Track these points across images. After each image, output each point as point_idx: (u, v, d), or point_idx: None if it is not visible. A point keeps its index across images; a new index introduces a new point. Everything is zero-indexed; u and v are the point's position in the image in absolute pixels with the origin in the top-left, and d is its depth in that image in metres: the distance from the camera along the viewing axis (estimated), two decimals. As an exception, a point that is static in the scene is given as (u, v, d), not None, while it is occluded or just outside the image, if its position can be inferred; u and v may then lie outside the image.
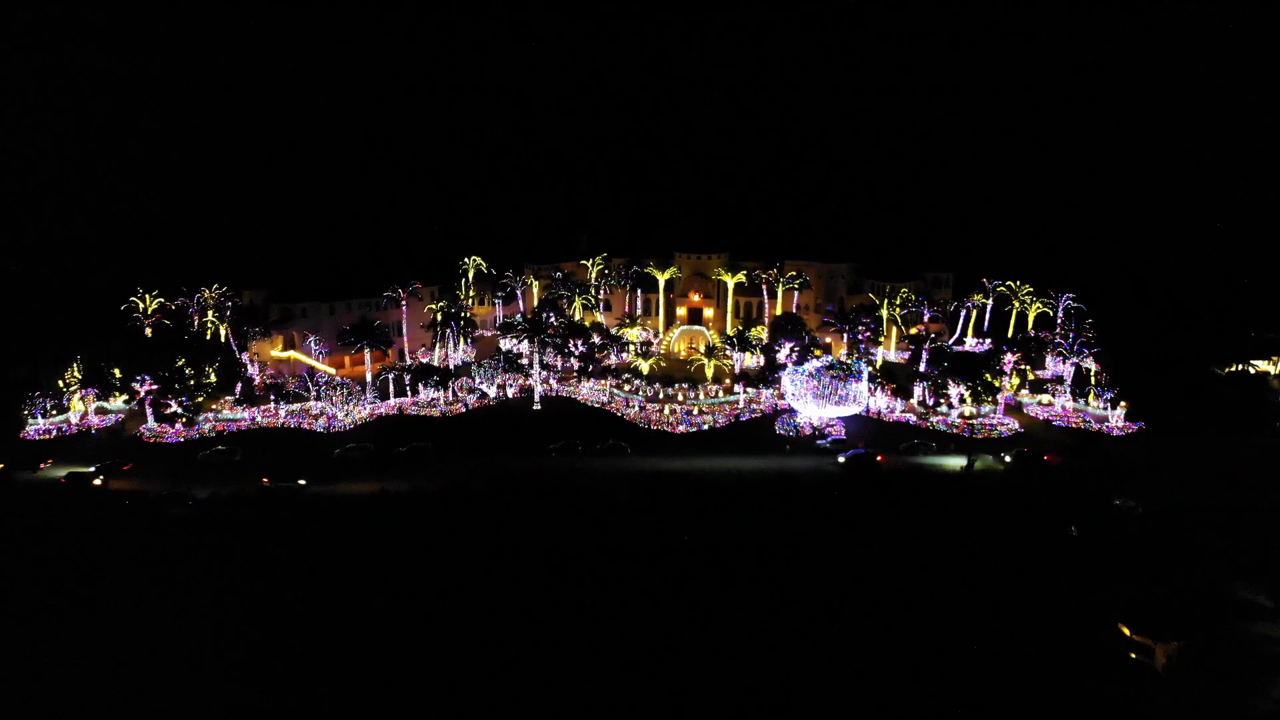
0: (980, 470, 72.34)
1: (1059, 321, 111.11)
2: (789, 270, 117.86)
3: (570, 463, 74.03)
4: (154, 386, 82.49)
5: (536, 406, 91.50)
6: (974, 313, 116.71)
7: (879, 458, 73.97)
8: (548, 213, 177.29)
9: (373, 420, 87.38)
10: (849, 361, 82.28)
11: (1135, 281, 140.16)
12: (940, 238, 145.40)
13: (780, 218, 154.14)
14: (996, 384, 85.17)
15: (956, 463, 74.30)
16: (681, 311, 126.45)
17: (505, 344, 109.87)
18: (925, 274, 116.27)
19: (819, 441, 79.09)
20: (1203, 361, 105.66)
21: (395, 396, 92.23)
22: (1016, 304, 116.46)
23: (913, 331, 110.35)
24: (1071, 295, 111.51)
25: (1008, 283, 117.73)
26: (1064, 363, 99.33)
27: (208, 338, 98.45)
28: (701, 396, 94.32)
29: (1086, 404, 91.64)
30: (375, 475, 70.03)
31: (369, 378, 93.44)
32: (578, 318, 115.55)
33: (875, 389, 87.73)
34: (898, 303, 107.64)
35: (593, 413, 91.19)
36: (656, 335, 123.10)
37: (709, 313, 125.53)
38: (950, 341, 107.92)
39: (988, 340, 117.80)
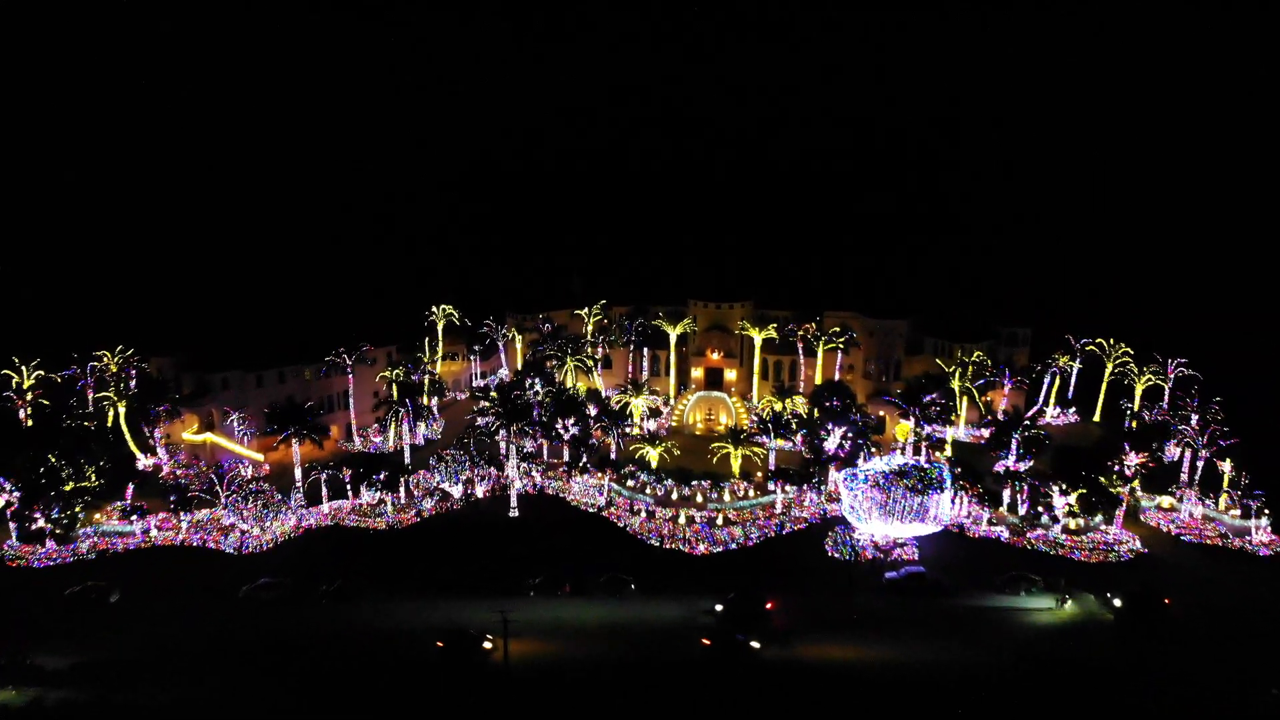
0: (1076, 618, 58.79)
1: (1168, 393, 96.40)
2: (830, 324, 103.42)
3: (555, 611, 59.49)
4: (14, 496, 68.13)
5: (513, 513, 77.10)
6: (1057, 378, 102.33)
7: (769, 604, 58.39)
8: (534, 252, 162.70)
9: (299, 535, 72.80)
10: (929, 466, 67.47)
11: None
12: (1012, 284, 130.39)
13: (816, 260, 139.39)
14: (1117, 490, 70.32)
15: (1041, 605, 60.60)
16: (697, 373, 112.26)
17: (480, 420, 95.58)
18: (1001, 330, 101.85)
19: (888, 575, 64.25)
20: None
21: (331, 500, 77.65)
22: (1110, 365, 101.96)
23: (987, 399, 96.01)
24: (1184, 360, 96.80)
25: (1098, 340, 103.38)
26: (1176, 445, 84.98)
27: (109, 420, 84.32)
28: (727, 498, 79.77)
29: (1217, 509, 77.15)
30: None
31: (298, 474, 78.97)
32: (570, 383, 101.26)
33: (956, 494, 73.07)
34: (970, 370, 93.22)
35: (586, 521, 77.24)
36: (667, 402, 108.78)
37: (731, 374, 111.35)
38: (1031, 412, 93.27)
39: (1073, 411, 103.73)
